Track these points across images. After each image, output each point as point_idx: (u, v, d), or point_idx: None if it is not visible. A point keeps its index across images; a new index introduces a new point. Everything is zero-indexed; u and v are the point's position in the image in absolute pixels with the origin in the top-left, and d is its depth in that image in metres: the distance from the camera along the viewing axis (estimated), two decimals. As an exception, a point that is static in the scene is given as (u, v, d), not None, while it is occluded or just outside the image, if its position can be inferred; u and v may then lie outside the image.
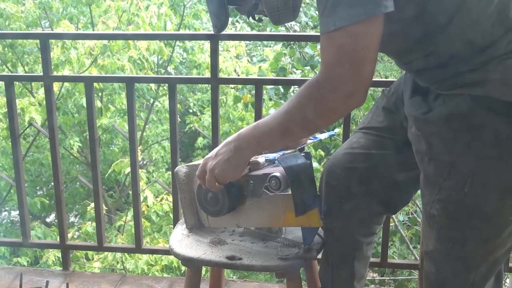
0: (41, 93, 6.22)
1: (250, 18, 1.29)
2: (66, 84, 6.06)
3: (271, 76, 5.36)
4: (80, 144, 6.60)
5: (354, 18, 1.00)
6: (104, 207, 5.88)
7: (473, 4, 1.07)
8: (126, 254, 5.19)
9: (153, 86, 6.39)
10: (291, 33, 4.91)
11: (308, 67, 4.59)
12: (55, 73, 4.91)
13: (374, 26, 1.02)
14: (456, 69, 1.10)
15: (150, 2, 6.32)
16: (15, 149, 2.24)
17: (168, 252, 1.51)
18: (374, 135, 1.42)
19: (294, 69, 4.86)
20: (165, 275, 5.24)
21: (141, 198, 5.50)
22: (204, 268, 1.88)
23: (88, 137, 2.40)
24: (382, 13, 1.01)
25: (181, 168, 1.50)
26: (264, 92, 5.83)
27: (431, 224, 1.25)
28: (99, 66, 5.89)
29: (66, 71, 5.65)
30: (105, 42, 5.83)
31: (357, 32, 1.02)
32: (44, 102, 2.20)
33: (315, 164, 4.84)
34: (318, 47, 4.73)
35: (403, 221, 4.48)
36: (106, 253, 5.28)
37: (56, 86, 5.93)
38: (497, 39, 1.08)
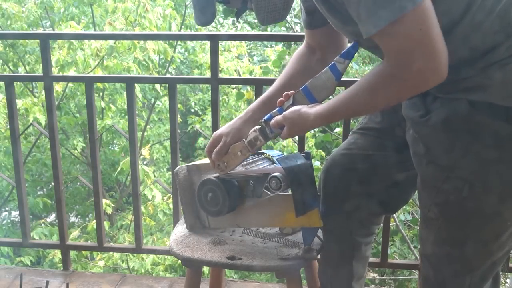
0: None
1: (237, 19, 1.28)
2: (70, 84, 6.07)
3: (274, 73, 5.37)
4: (84, 145, 6.61)
5: (395, 12, 0.99)
6: (112, 205, 5.91)
7: (479, 6, 1.07)
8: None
9: (157, 86, 6.39)
10: (291, 33, 4.91)
11: None
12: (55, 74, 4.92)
13: (419, 13, 1.00)
14: (457, 74, 1.10)
15: (155, 4, 6.31)
16: (15, 149, 2.24)
17: (168, 252, 1.51)
18: (372, 136, 1.41)
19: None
20: (168, 274, 5.24)
21: (150, 197, 5.56)
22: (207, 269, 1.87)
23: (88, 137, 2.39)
24: (424, 1, 0.99)
25: (181, 168, 1.50)
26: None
27: (429, 227, 1.25)
28: (104, 67, 5.90)
29: (71, 72, 5.66)
30: (111, 43, 5.83)
31: (405, 23, 1.01)
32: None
33: (316, 163, 4.84)
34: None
35: (404, 220, 4.47)
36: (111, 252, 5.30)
37: (60, 86, 5.94)
38: (497, 44, 1.07)
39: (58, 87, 5.88)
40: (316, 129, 5.95)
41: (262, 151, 1.54)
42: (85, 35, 4.75)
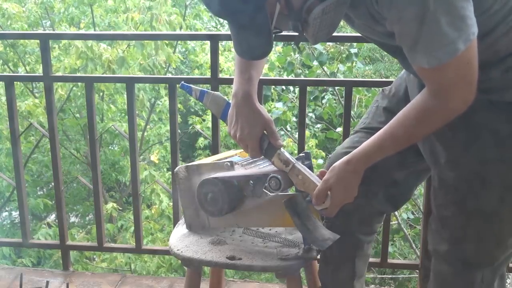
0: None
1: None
2: (74, 88, 6.12)
3: (274, 72, 5.39)
4: (87, 147, 6.63)
5: (451, 55, 1.02)
6: (119, 208, 5.93)
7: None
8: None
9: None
10: (290, 33, 4.91)
11: (317, 63, 4.62)
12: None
13: (472, 48, 1.03)
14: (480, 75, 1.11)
15: (159, 11, 6.34)
16: (15, 150, 2.24)
17: (168, 252, 1.51)
18: None
19: (301, 65, 4.89)
20: (170, 275, 5.25)
21: (158, 203, 5.58)
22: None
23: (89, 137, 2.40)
24: (472, 40, 1.02)
25: (181, 168, 1.50)
26: (273, 89, 5.84)
27: (444, 225, 1.27)
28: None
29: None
30: (121, 54, 5.88)
31: (457, 62, 1.03)
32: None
33: (320, 161, 4.85)
34: (327, 43, 4.76)
35: (406, 219, 4.48)
36: (114, 254, 5.32)
37: (64, 90, 5.97)
38: None
39: (62, 90, 5.93)
40: (317, 129, 5.96)
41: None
42: (85, 35, 4.74)
